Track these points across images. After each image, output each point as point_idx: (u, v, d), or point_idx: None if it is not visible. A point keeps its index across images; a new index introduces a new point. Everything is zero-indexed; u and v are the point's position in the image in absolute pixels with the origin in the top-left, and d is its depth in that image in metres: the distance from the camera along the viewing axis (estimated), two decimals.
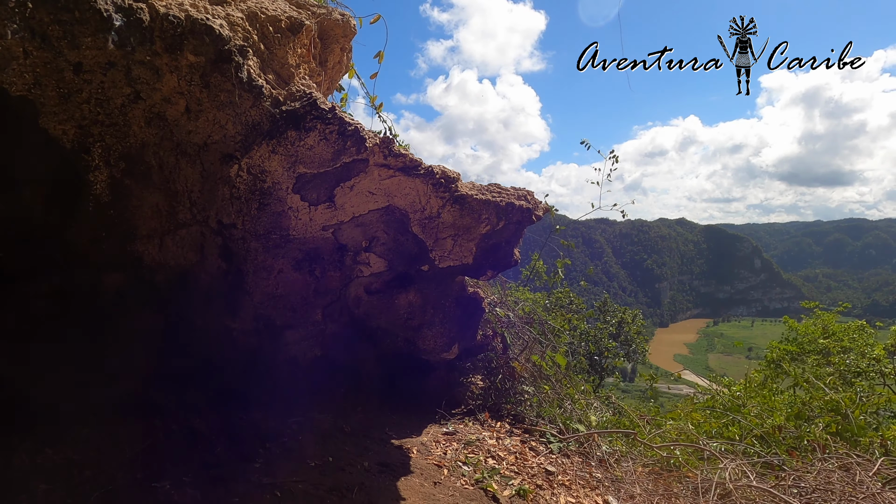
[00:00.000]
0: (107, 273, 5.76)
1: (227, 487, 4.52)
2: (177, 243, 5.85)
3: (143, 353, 5.76)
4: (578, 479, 6.06)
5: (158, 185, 5.61)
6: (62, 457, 4.80)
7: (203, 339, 6.11)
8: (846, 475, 5.85)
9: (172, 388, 5.82)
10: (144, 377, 5.71)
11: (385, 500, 4.76)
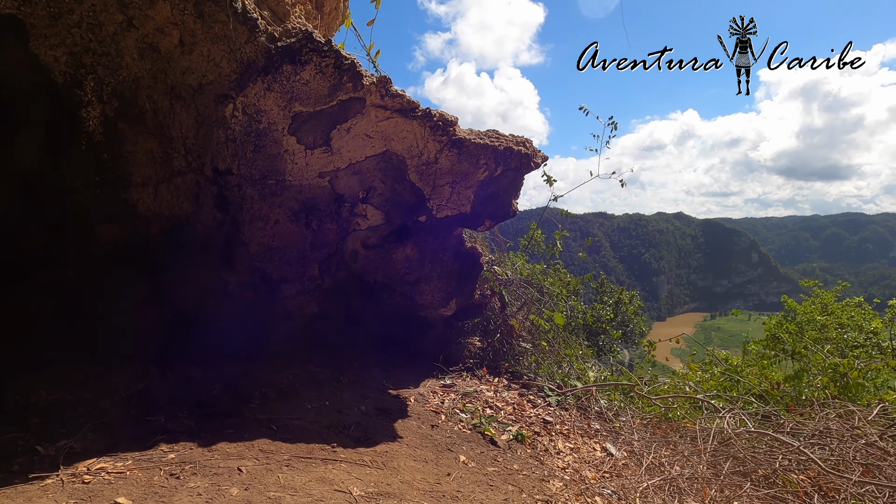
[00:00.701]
0: (101, 224, 5.70)
1: (221, 421, 4.48)
2: (172, 192, 5.78)
3: (137, 305, 5.71)
4: (577, 429, 6.03)
5: (152, 131, 5.54)
6: (56, 397, 4.76)
7: (198, 292, 6.06)
8: (844, 422, 5.84)
9: (167, 340, 5.77)
10: (139, 329, 5.66)
11: (382, 437, 4.72)
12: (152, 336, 5.80)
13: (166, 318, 5.89)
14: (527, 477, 4.59)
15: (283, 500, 3.35)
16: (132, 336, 5.58)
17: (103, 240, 5.70)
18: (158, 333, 5.85)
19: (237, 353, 5.96)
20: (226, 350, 5.79)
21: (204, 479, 3.49)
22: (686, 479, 5.00)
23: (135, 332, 5.63)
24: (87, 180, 5.44)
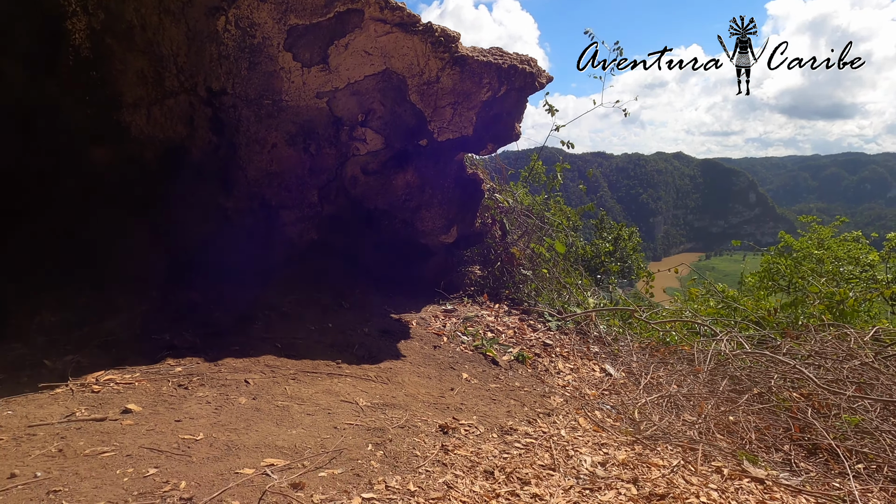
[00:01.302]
0: (95, 147, 5.55)
1: (226, 339, 4.51)
2: (164, 114, 5.61)
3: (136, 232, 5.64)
4: (576, 351, 6.13)
5: (142, 48, 5.31)
6: (60, 318, 4.76)
7: (197, 218, 5.98)
8: (839, 345, 5.94)
9: (168, 266, 5.74)
10: (140, 255, 5.61)
11: (386, 356, 4.78)
12: (153, 262, 5.76)
13: (166, 245, 5.84)
14: (528, 393, 4.68)
15: (291, 408, 3.41)
16: (133, 262, 5.54)
17: (98, 163, 5.58)
18: (158, 259, 5.81)
19: (238, 279, 5.95)
20: (226, 276, 5.78)
21: (212, 390, 3.54)
22: (683, 396, 5.12)
23: (135, 259, 5.59)
24: (77, 98, 5.26)
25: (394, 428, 3.36)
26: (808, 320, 7.40)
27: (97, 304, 5.01)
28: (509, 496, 2.83)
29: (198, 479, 2.38)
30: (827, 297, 8.49)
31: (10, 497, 2.10)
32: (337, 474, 2.66)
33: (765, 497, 3.40)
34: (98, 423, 2.90)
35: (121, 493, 2.19)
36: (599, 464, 3.51)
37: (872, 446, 4.26)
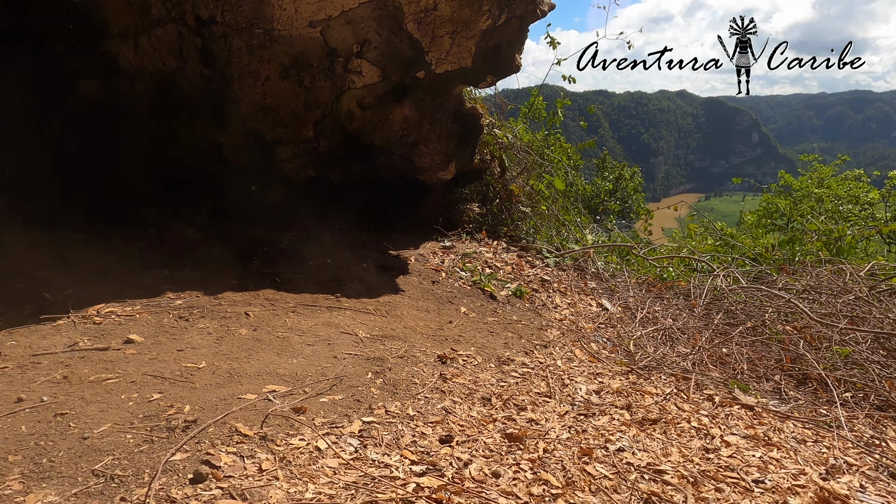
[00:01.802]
0: (82, 80, 5.39)
1: (225, 273, 4.53)
2: (153, 45, 5.40)
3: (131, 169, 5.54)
4: (573, 287, 6.18)
5: None
6: (57, 254, 4.74)
7: (191, 155, 5.88)
8: (835, 280, 5.99)
9: (165, 205, 5.68)
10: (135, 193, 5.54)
11: (385, 290, 4.82)
12: (148, 199, 5.70)
13: (160, 182, 5.76)
14: (525, 326, 4.75)
15: (292, 339, 3.46)
16: (129, 200, 5.49)
17: (86, 98, 5.43)
18: (154, 197, 5.75)
19: (235, 217, 5.91)
20: (224, 214, 5.74)
21: (212, 321, 3.57)
22: (678, 329, 5.20)
23: (131, 196, 5.53)
24: (60, 27, 5.06)
25: (393, 358, 3.41)
26: (805, 257, 7.44)
27: (95, 241, 4.99)
28: (506, 420, 2.91)
29: (201, 403, 2.44)
30: (825, 234, 8.49)
31: (18, 419, 2.15)
32: (338, 400, 2.72)
33: (753, 422, 3.51)
34: (101, 353, 2.94)
35: (126, 416, 2.24)
36: (594, 392, 3.60)
37: (861, 376, 4.36)
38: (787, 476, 2.79)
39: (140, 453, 1.99)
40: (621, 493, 2.36)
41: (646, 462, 2.69)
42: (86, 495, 1.72)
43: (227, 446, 2.10)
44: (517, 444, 2.64)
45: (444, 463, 2.29)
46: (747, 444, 3.14)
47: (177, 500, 1.73)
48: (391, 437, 2.45)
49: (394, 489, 2.00)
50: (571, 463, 2.54)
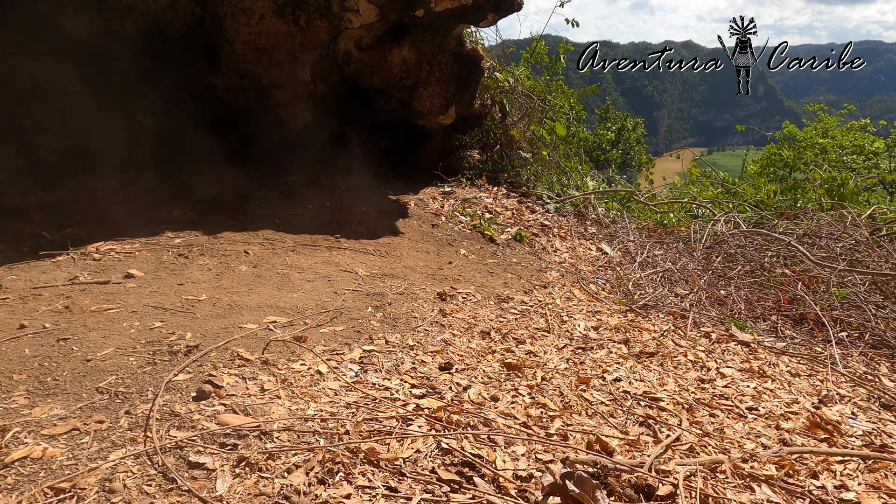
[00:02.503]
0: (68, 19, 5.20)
1: (223, 215, 4.51)
2: None
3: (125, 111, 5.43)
4: (573, 232, 6.17)
5: None
6: (53, 198, 4.71)
7: (186, 98, 5.75)
8: (836, 223, 5.97)
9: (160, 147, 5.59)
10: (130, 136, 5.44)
11: (384, 232, 4.81)
12: (144, 142, 5.61)
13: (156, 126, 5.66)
14: (525, 268, 4.76)
15: (292, 276, 3.46)
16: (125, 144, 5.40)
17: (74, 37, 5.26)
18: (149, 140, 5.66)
19: (232, 161, 5.84)
20: (221, 158, 5.67)
21: (212, 259, 3.58)
22: (677, 271, 5.21)
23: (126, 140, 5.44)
24: None
25: (393, 294, 3.43)
26: (807, 204, 7.40)
27: (91, 184, 4.95)
28: (504, 352, 2.94)
29: (203, 331, 2.46)
30: (827, 181, 8.42)
31: (22, 343, 2.17)
32: (338, 331, 2.75)
33: (749, 357, 3.55)
34: (102, 286, 2.95)
35: (128, 342, 2.26)
36: (592, 328, 3.63)
37: (858, 317, 4.40)
38: (780, 404, 2.84)
39: (143, 374, 2.01)
40: (617, 417, 2.40)
41: (642, 391, 2.74)
42: (91, 409, 1.74)
43: (228, 369, 2.13)
44: (516, 372, 2.67)
45: (443, 387, 2.33)
46: (742, 377, 3.19)
47: (181, 415, 1.76)
48: (391, 364, 2.48)
49: (394, 409, 2.03)
50: (569, 390, 2.58)
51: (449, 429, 1.90)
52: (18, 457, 1.45)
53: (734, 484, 1.85)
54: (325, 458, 1.60)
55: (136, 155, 5.40)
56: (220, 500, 1.39)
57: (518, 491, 1.62)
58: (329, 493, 1.47)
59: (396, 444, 1.76)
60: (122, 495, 1.36)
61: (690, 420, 2.47)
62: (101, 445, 1.56)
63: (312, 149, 6.39)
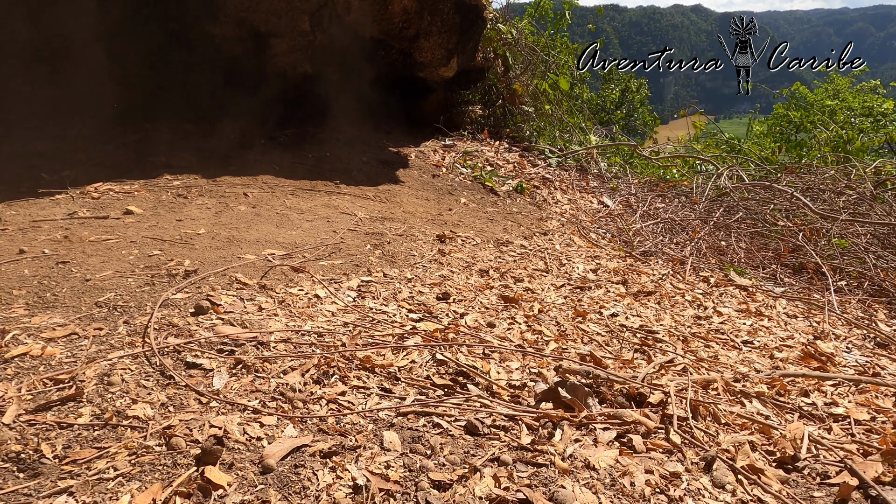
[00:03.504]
0: None
1: (222, 160, 4.48)
2: None
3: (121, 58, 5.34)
4: (575, 185, 6.13)
5: None
6: (52, 145, 4.68)
7: (183, 47, 5.65)
8: (840, 178, 5.92)
9: (157, 96, 5.53)
10: (128, 84, 5.37)
11: (384, 180, 4.79)
12: (141, 92, 5.55)
13: (154, 75, 5.59)
14: (525, 217, 4.75)
15: (291, 216, 3.46)
16: (121, 93, 5.35)
17: None
18: (146, 89, 5.60)
19: (231, 112, 5.78)
20: (219, 109, 5.61)
21: (211, 199, 3.57)
22: (678, 223, 5.20)
23: (122, 89, 5.38)
24: None
25: (392, 235, 3.43)
26: (811, 160, 7.32)
27: (88, 132, 4.92)
28: (503, 288, 2.95)
29: (201, 259, 2.47)
30: (834, 139, 8.32)
31: (21, 265, 2.19)
32: (336, 264, 2.76)
33: (747, 300, 3.57)
34: (100, 220, 2.95)
35: (127, 266, 2.28)
36: (591, 270, 3.64)
37: (858, 266, 4.40)
38: (775, 339, 2.86)
39: (141, 292, 2.03)
40: (613, 345, 2.43)
41: (638, 324, 2.76)
42: (89, 319, 1.76)
43: (227, 291, 2.15)
44: (513, 304, 2.69)
45: (440, 313, 2.35)
46: (739, 316, 3.21)
47: (178, 326, 1.78)
48: (389, 293, 2.50)
49: (391, 329, 2.05)
50: (566, 321, 2.60)
51: (445, 345, 1.92)
52: (18, 353, 1.48)
53: (725, 399, 1.88)
54: (321, 362, 1.62)
55: (132, 104, 5.35)
56: (217, 395, 1.41)
57: (511, 397, 1.65)
58: (324, 391, 1.50)
59: (392, 354, 1.78)
60: (120, 387, 1.38)
61: (685, 350, 2.49)
62: (100, 347, 1.58)
63: (312, 101, 6.32)
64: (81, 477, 1.07)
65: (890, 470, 1.35)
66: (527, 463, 1.28)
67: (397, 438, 1.32)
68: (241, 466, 1.15)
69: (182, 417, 1.29)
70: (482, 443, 1.36)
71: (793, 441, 1.50)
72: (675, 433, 1.48)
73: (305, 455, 1.21)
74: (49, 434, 1.18)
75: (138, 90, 5.49)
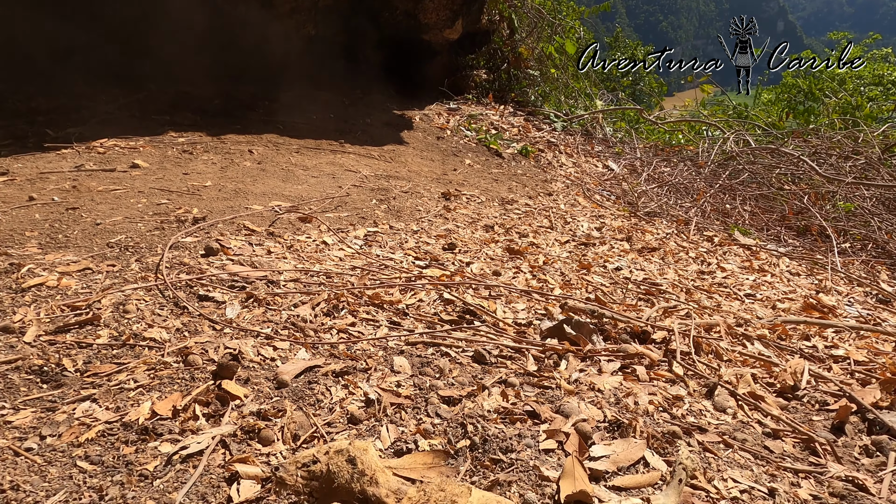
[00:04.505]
0: None
1: (226, 119, 4.46)
2: None
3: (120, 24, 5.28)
4: (580, 150, 6.10)
5: None
6: (56, 104, 4.65)
7: (185, 7, 5.57)
8: (847, 142, 5.87)
9: (159, 59, 5.47)
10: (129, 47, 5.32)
11: (389, 141, 4.77)
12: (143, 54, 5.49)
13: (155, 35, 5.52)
14: (530, 178, 4.74)
15: (296, 172, 3.47)
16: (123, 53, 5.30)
17: None
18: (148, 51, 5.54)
19: (235, 74, 5.73)
20: (221, 70, 5.56)
21: (216, 155, 3.57)
22: (683, 185, 5.18)
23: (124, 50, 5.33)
24: None
25: (397, 191, 3.44)
26: (819, 125, 7.26)
27: (92, 92, 4.89)
28: (507, 242, 2.97)
29: (209, 208, 2.48)
30: (843, 105, 8.23)
31: (32, 210, 2.21)
32: (343, 216, 2.77)
33: (750, 258, 3.58)
34: (107, 173, 2.96)
35: (136, 213, 2.30)
36: (595, 228, 3.65)
37: (862, 228, 4.40)
38: (778, 293, 2.89)
39: (151, 236, 2.05)
40: (617, 295, 2.45)
41: (642, 278, 2.78)
42: (101, 258, 1.79)
43: (235, 236, 2.17)
44: (518, 255, 2.71)
45: (447, 262, 2.37)
46: (742, 272, 3.23)
47: (190, 265, 1.80)
48: (395, 242, 2.52)
49: (398, 274, 2.08)
50: (571, 272, 2.62)
51: (452, 286, 1.95)
52: (34, 283, 1.51)
53: (728, 341, 1.91)
54: (331, 297, 1.65)
55: (134, 65, 5.31)
56: (230, 323, 1.44)
57: (517, 333, 1.68)
58: (335, 322, 1.53)
59: (400, 293, 1.81)
60: (135, 315, 1.41)
61: (688, 300, 2.51)
62: (114, 281, 1.61)
63: (317, 63, 6.25)
64: (103, 387, 1.10)
65: (888, 396, 1.38)
66: (533, 385, 1.32)
67: (407, 363, 1.35)
68: (256, 382, 1.18)
69: (197, 340, 1.32)
70: (489, 370, 1.39)
71: (793, 374, 1.53)
72: (677, 365, 1.52)
73: (318, 374, 1.25)
74: (69, 352, 1.22)
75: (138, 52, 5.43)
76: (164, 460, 0.94)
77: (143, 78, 5.27)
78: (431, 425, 1.08)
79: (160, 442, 0.98)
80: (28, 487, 0.85)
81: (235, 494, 0.87)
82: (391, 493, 0.75)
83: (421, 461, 0.93)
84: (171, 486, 0.88)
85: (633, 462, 1.01)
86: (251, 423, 1.04)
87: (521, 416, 1.14)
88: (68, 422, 1.00)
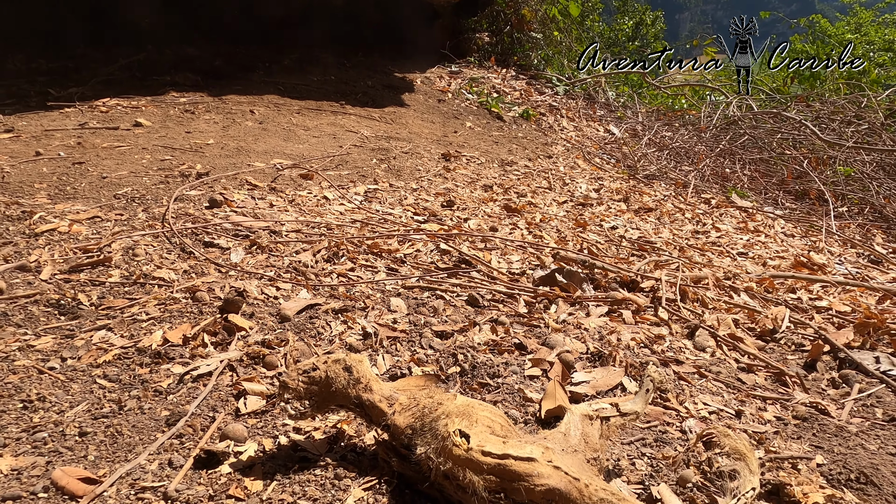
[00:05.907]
0: None
1: (228, 81, 4.47)
2: None
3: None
4: (582, 114, 6.09)
5: None
6: (58, 64, 4.66)
7: None
8: (850, 106, 5.83)
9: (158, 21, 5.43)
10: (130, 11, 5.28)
11: (389, 103, 4.77)
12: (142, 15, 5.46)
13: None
14: (531, 141, 4.75)
15: (297, 131, 3.50)
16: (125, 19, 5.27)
17: None
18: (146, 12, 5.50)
19: (234, 37, 5.70)
20: (222, 34, 5.53)
21: (218, 115, 3.60)
22: (684, 150, 5.19)
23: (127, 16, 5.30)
24: None
25: (397, 151, 3.47)
26: (823, 91, 7.19)
27: (94, 53, 4.89)
28: (506, 200, 3.02)
29: (212, 164, 2.53)
30: (848, 70, 8.12)
31: (39, 164, 2.26)
32: (343, 174, 2.82)
33: (746, 220, 3.63)
34: (111, 131, 3.01)
35: (141, 168, 2.35)
36: (594, 190, 3.69)
37: (861, 192, 4.42)
38: (770, 252, 2.94)
39: (157, 188, 2.11)
40: (610, 251, 2.51)
41: (637, 236, 2.84)
42: (109, 208, 1.85)
43: (238, 190, 2.22)
44: (515, 213, 2.77)
45: (445, 218, 2.43)
46: (736, 232, 3.28)
47: (195, 215, 1.86)
48: (395, 199, 2.57)
49: (397, 227, 2.14)
50: (567, 230, 2.68)
51: (448, 238, 2.01)
52: (46, 229, 1.57)
53: (715, 291, 1.97)
54: (331, 245, 1.72)
55: (133, 27, 5.28)
56: (235, 267, 1.51)
57: (511, 281, 1.75)
58: (335, 267, 1.60)
59: (398, 244, 1.87)
60: (144, 257, 1.48)
61: (681, 256, 2.57)
62: (122, 228, 1.68)
63: (316, 26, 6.20)
64: (117, 318, 1.18)
65: (860, 338, 1.45)
66: (523, 324, 1.39)
67: (403, 304, 1.42)
68: (260, 316, 1.26)
69: (204, 280, 1.39)
70: (482, 311, 1.46)
71: (773, 319, 1.60)
72: (663, 310, 1.59)
73: (319, 311, 1.32)
74: (84, 288, 1.29)
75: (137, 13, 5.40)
76: (176, 379, 1.01)
77: (142, 39, 5.25)
78: (424, 355, 1.16)
79: (172, 364, 1.06)
80: (53, 399, 0.93)
81: (243, 406, 0.95)
82: (384, 398, 0.83)
83: (413, 383, 1.00)
84: (184, 400, 0.96)
85: (611, 387, 1.09)
86: (256, 351, 1.12)
87: (509, 348, 1.21)
88: (86, 347, 1.08)
